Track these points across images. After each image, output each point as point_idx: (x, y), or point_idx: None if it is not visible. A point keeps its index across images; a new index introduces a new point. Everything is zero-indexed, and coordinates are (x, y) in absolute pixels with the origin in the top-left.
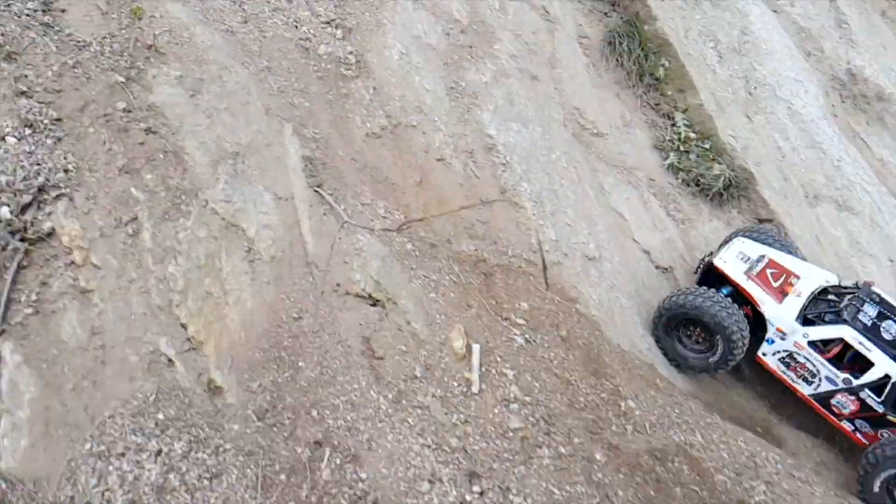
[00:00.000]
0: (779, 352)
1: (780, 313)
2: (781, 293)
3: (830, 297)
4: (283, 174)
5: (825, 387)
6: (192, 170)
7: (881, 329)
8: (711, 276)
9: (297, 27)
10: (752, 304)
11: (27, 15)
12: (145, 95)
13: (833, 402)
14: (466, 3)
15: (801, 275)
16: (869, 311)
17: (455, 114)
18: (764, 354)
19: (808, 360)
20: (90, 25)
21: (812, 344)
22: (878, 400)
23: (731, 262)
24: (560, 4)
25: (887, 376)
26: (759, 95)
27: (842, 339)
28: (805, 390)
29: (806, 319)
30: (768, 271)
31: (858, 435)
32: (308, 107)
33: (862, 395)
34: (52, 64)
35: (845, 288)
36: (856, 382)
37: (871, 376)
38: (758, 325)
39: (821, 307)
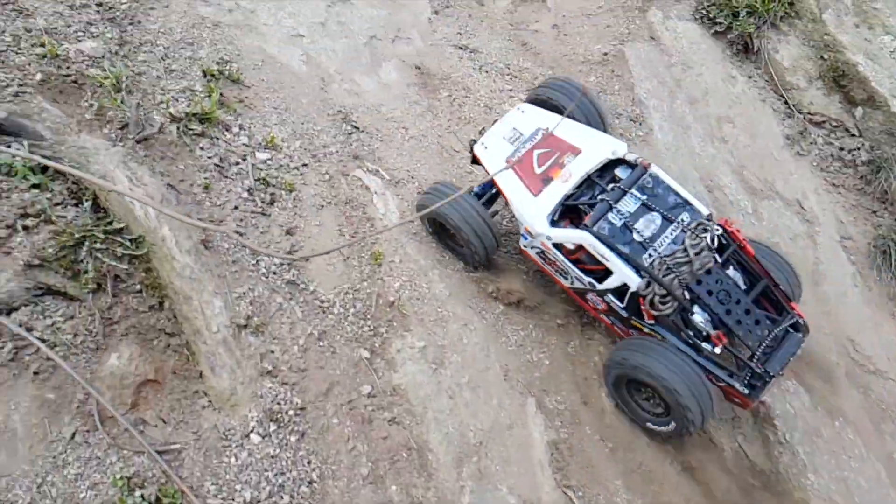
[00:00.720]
0: (534, 247)
1: (530, 210)
2: (543, 181)
3: (610, 174)
4: (528, 468)
5: (577, 284)
6: (436, 475)
7: (634, 229)
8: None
9: None
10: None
11: (273, 273)
12: (390, 375)
13: (588, 297)
14: (714, 208)
15: (583, 148)
16: (627, 206)
17: None
18: (525, 247)
19: (556, 259)
20: (332, 276)
21: (557, 246)
22: (621, 305)
23: (493, 148)
24: (817, 198)
25: (625, 285)
26: None
27: (582, 245)
28: (564, 283)
29: (554, 221)
30: (537, 152)
31: (617, 328)
32: (548, 365)
33: (606, 298)
34: (297, 336)
35: (629, 163)
36: (599, 287)
37: (610, 283)
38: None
39: (587, 193)
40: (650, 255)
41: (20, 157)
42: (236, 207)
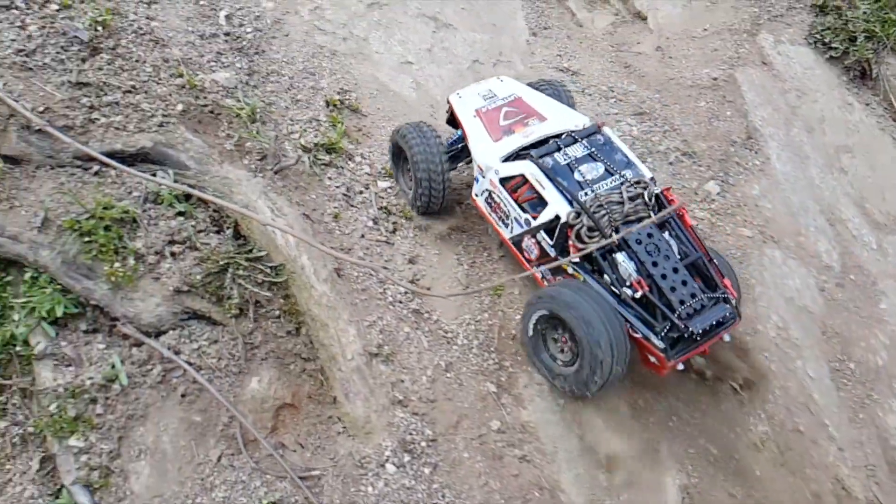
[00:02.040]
0: (484, 191)
1: (487, 150)
2: (505, 132)
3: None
4: None
5: (516, 230)
6: None
7: (577, 170)
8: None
9: None
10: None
11: (399, 302)
12: (518, 411)
13: (523, 245)
14: (836, 243)
15: (549, 117)
16: (575, 152)
17: (846, 411)
18: (476, 196)
19: (500, 199)
20: (453, 306)
21: (503, 182)
22: (551, 243)
23: (467, 98)
24: None
25: (557, 217)
26: None
27: (523, 176)
28: (504, 233)
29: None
30: (505, 109)
31: (545, 283)
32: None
33: (538, 237)
34: (425, 367)
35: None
36: (533, 224)
37: (544, 217)
38: None
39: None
40: (586, 194)
41: (165, 186)
42: (362, 236)
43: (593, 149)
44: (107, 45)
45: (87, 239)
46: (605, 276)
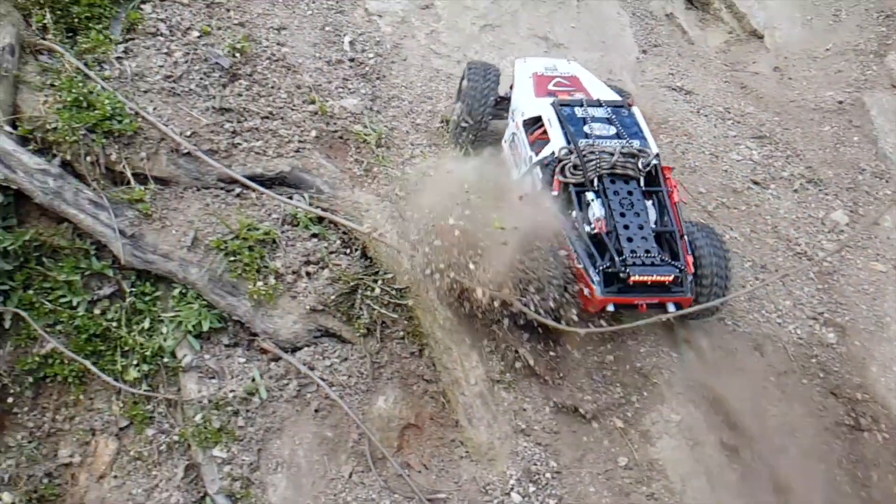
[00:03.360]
0: (511, 135)
1: (525, 100)
2: (549, 94)
3: None
4: None
5: (523, 170)
6: None
7: (589, 125)
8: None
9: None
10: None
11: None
12: (646, 448)
13: (525, 185)
14: None
15: (595, 95)
16: (595, 112)
17: None
18: (504, 142)
19: (519, 141)
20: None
21: (525, 124)
22: (541, 177)
23: (530, 64)
24: None
25: (552, 154)
26: None
27: (539, 118)
28: (515, 175)
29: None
30: (558, 79)
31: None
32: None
33: (534, 172)
34: (548, 396)
35: None
36: (535, 160)
37: (543, 153)
38: None
39: None
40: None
41: (302, 209)
42: None
43: (613, 116)
44: (244, 72)
45: (232, 258)
46: (573, 213)
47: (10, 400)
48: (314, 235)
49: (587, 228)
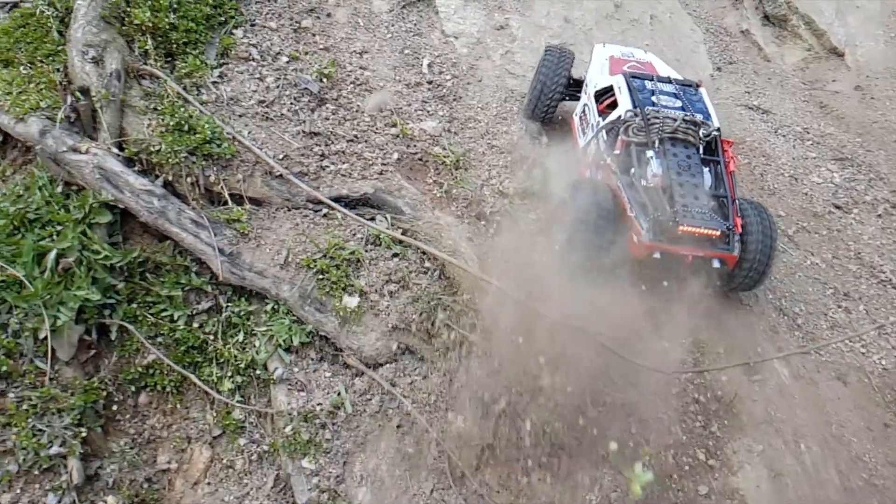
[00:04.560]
0: (582, 106)
1: (599, 75)
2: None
3: None
4: None
5: (589, 135)
6: None
7: (656, 96)
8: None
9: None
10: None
11: None
12: (726, 477)
13: (589, 149)
14: None
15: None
16: (664, 87)
17: None
18: (574, 115)
19: (589, 111)
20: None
21: (597, 95)
22: (605, 140)
23: (609, 49)
24: None
25: (619, 117)
26: None
27: (610, 87)
28: (581, 142)
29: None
30: (633, 63)
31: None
32: None
33: (600, 136)
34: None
35: None
36: (602, 123)
37: (611, 117)
38: None
39: None
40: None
41: (384, 232)
42: None
43: (681, 92)
44: (331, 96)
45: (321, 276)
46: (632, 170)
47: (114, 408)
48: (395, 255)
49: (643, 182)
